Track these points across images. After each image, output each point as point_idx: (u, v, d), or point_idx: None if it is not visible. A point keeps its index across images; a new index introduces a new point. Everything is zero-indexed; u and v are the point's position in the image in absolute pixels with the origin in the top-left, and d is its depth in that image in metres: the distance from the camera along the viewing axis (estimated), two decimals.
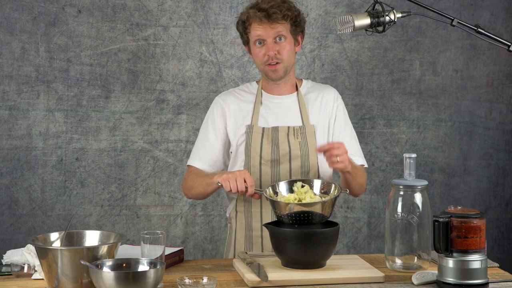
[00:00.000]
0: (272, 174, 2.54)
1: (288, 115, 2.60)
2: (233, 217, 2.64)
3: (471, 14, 3.88)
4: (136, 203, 3.68)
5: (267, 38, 2.51)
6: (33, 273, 2.18)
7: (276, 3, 2.51)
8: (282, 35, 2.52)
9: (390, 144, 3.88)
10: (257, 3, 2.54)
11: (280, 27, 2.51)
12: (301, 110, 2.61)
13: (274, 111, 2.60)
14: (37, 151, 3.58)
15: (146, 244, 2.10)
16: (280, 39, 2.52)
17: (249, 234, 2.59)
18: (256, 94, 2.63)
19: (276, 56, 2.52)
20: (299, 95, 2.62)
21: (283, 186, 2.35)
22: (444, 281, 2.06)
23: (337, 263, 2.26)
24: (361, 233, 3.88)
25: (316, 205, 2.22)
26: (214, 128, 2.61)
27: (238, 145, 2.59)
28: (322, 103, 2.64)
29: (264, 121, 2.58)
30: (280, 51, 2.52)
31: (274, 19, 2.49)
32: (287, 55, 2.53)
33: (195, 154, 2.63)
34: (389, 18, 2.32)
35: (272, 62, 2.53)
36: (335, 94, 2.67)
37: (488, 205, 3.99)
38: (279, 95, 2.62)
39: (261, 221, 2.56)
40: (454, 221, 2.05)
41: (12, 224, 3.58)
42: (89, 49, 3.59)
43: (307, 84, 2.68)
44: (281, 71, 2.55)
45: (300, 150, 2.55)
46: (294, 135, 2.56)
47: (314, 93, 2.65)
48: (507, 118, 3.98)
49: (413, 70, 3.88)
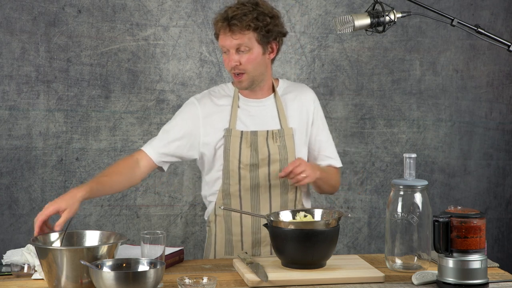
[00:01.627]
0: (251, 178, 2.53)
1: (266, 119, 2.57)
2: (212, 221, 2.63)
3: (471, 14, 3.88)
4: (136, 203, 3.68)
5: (230, 48, 2.46)
6: (33, 273, 2.18)
7: (242, 12, 2.43)
8: (245, 46, 2.45)
9: (390, 144, 3.88)
10: (227, 8, 2.47)
11: (243, 38, 2.44)
12: (279, 112, 2.58)
13: (252, 114, 2.57)
14: (37, 151, 3.58)
15: (146, 244, 2.10)
16: (243, 51, 2.46)
17: (229, 238, 2.59)
18: (233, 96, 2.59)
19: (238, 67, 2.47)
20: (276, 97, 2.59)
21: (285, 215, 2.34)
22: (444, 281, 2.06)
23: (337, 263, 2.26)
24: (361, 233, 3.88)
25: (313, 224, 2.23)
26: (181, 126, 2.56)
27: (217, 148, 2.56)
28: (300, 105, 2.61)
29: (243, 124, 2.55)
30: (242, 61, 2.46)
31: (234, 30, 2.43)
32: (251, 66, 2.47)
33: (151, 141, 2.57)
34: (389, 18, 2.32)
35: (235, 72, 2.48)
36: (313, 96, 2.65)
37: (488, 205, 3.99)
38: (255, 99, 2.58)
39: (241, 226, 2.56)
40: (454, 221, 2.05)
41: (12, 224, 3.58)
42: (89, 49, 3.59)
43: (284, 84, 2.64)
44: (245, 82, 2.50)
45: (279, 154, 2.54)
46: (273, 138, 2.54)
47: (291, 94, 2.62)
48: (507, 118, 3.98)
49: (413, 70, 3.88)
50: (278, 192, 2.55)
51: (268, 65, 2.56)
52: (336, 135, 3.81)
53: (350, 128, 3.83)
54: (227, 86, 2.63)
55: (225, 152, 2.54)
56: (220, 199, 2.58)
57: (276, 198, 2.56)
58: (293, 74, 3.76)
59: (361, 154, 3.85)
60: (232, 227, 2.57)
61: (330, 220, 2.21)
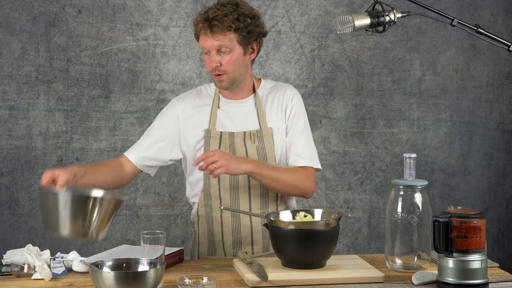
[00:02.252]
0: (230, 178, 2.52)
1: (245, 119, 2.56)
2: (195, 222, 2.64)
3: (471, 14, 3.88)
4: (136, 203, 3.68)
5: (210, 49, 2.45)
6: (33, 273, 2.18)
7: (222, 12, 2.42)
8: (226, 47, 2.44)
9: (390, 144, 3.88)
10: (208, 9, 2.46)
11: (224, 39, 2.43)
12: (258, 113, 2.57)
13: (231, 115, 2.56)
14: (37, 151, 3.58)
15: (146, 244, 2.10)
16: (223, 52, 2.45)
17: (211, 239, 2.59)
18: (213, 97, 2.59)
19: (219, 68, 2.46)
20: (256, 98, 2.58)
21: (285, 215, 2.34)
22: (444, 281, 2.06)
23: (337, 263, 2.26)
24: (361, 233, 3.88)
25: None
26: (161, 128, 2.57)
27: (197, 149, 2.56)
28: (279, 104, 2.58)
29: (222, 125, 2.55)
30: (222, 63, 2.45)
31: (215, 31, 2.42)
32: (231, 67, 2.47)
33: (133, 146, 2.60)
34: (389, 18, 2.32)
35: (215, 73, 2.47)
36: (291, 93, 2.60)
37: (488, 205, 4.00)
38: (235, 99, 2.58)
39: (222, 226, 2.56)
40: (454, 221, 2.05)
41: (12, 224, 3.58)
42: (89, 49, 3.59)
43: (266, 84, 2.63)
44: (225, 82, 2.49)
45: (257, 155, 2.53)
46: (251, 139, 2.53)
47: (272, 94, 2.60)
48: (507, 118, 3.98)
49: (413, 70, 3.88)
50: (258, 192, 2.54)
51: (249, 65, 2.55)
52: (336, 135, 3.82)
53: (350, 128, 3.83)
54: (210, 86, 2.63)
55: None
56: (202, 199, 2.58)
57: (256, 198, 2.55)
58: (293, 74, 3.76)
59: (361, 154, 3.85)
60: (213, 227, 2.57)
61: (330, 220, 2.22)
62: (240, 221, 2.55)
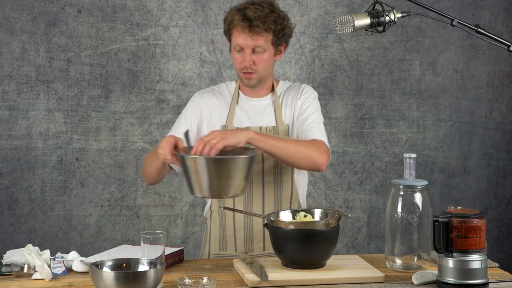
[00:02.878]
0: None
1: (262, 116, 2.59)
2: (208, 217, 2.65)
3: (471, 14, 3.88)
4: (136, 203, 3.68)
5: (246, 48, 2.48)
6: (33, 273, 2.18)
7: (262, 13, 2.45)
8: (261, 47, 2.48)
9: (390, 144, 3.88)
10: (245, 7, 2.48)
11: (261, 39, 2.47)
12: (276, 111, 2.59)
13: (249, 112, 2.59)
14: (37, 151, 3.58)
15: (146, 244, 2.10)
16: (258, 52, 2.49)
17: (223, 234, 2.60)
18: (233, 94, 2.62)
19: (251, 67, 2.49)
20: (274, 97, 2.61)
21: (285, 215, 2.34)
22: (444, 281, 2.06)
23: (337, 263, 2.26)
24: (360, 233, 3.88)
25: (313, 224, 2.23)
26: (186, 122, 2.59)
27: None
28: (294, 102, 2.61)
29: (239, 121, 2.58)
30: (256, 62, 2.49)
31: (256, 31, 2.45)
32: (262, 67, 2.51)
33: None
34: (389, 18, 2.32)
35: (247, 71, 2.51)
36: (304, 89, 2.62)
37: (488, 205, 4.00)
38: (255, 97, 2.61)
39: (234, 221, 2.57)
40: (454, 221, 2.05)
41: (12, 224, 3.58)
42: (89, 49, 3.59)
43: (284, 85, 2.66)
44: (254, 80, 2.53)
45: None
46: None
47: (290, 95, 2.63)
48: (507, 118, 3.98)
49: (413, 70, 3.88)
50: (272, 188, 2.55)
51: (273, 65, 2.60)
52: (336, 135, 3.82)
53: (350, 128, 3.83)
54: (231, 83, 2.67)
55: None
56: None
57: (269, 195, 2.56)
58: (293, 74, 3.76)
59: (360, 154, 3.85)
60: (225, 223, 2.59)
61: (330, 220, 2.22)
62: (253, 217, 2.55)
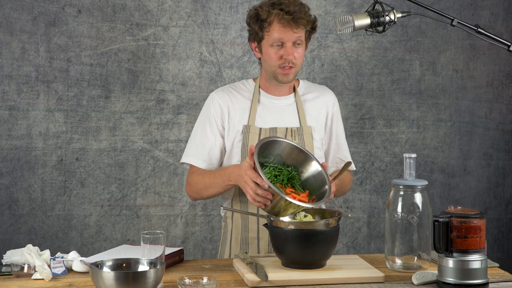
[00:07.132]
0: None
1: (285, 116, 2.58)
2: (228, 217, 2.62)
3: (471, 14, 3.88)
4: (136, 203, 3.68)
5: (287, 42, 2.48)
6: (33, 273, 2.18)
7: (298, 8, 2.47)
8: (300, 40, 2.49)
9: (390, 144, 3.88)
10: (280, 2, 2.48)
11: (301, 32, 2.48)
12: (299, 111, 2.59)
13: (272, 111, 2.58)
14: (37, 151, 3.58)
15: (146, 244, 2.10)
16: (298, 44, 2.50)
17: (245, 235, 2.57)
18: (253, 92, 2.60)
19: (292, 61, 2.49)
20: (296, 96, 2.61)
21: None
22: (444, 281, 2.06)
23: (337, 263, 2.26)
24: (360, 233, 3.88)
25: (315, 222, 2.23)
26: (211, 125, 2.57)
27: (234, 144, 2.55)
28: (320, 106, 2.62)
29: (262, 121, 2.56)
30: (296, 56, 2.49)
31: (299, 24, 2.46)
32: (300, 60, 2.52)
33: (194, 152, 2.57)
34: (389, 18, 2.32)
35: (286, 65, 2.50)
36: (334, 98, 2.67)
37: (488, 205, 4.00)
38: (278, 96, 2.60)
39: (258, 222, 2.54)
40: (454, 221, 2.05)
41: (12, 224, 3.58)
42: (89, 49, 3.59)
43: (304, 84, 2.67)
44: (292, 75, 2.53)
45: None
46: (292, 136, 2.55)
47: (311, 94, 2.64)
48: (507, 118, 3.98)
49: (413, 70, 3.88)
50: None
51: None
52: None
53: (350, 128, 3.83)
54: (248, 82, 2.64)
55: (243, 149, 2.53)
56: (237, 195, 2.56)
57: None
58: None
59: (360, 154, 3.85)
60: (249, 224, 2.56)
61: (330, 220, 2.22)
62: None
